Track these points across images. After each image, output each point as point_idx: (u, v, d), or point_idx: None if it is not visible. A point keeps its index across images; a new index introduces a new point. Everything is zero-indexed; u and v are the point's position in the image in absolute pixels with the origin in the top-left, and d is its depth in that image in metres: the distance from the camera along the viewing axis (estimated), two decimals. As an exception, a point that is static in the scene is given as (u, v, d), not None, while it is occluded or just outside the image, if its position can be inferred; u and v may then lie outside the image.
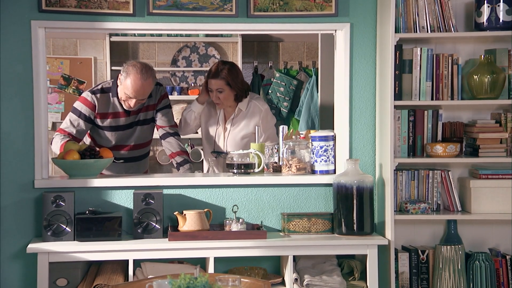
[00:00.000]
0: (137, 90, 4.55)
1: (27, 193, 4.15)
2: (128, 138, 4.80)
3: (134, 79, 4.53)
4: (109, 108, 4.68)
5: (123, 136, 4.78)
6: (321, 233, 4.22)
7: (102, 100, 4.67)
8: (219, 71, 4.77)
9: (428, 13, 4.18)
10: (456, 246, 4.18)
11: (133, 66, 4.56)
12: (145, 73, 4.54)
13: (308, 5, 4.24)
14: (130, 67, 4.56)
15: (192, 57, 7.50)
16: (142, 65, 4.59)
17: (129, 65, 4.58)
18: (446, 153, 4.16)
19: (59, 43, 7.38)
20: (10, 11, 4.09)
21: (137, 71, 4.53)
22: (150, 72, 4.59)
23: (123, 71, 4.58)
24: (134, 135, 4.81)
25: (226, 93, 4.80)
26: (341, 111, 4.35)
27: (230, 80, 4.77)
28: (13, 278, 4.14)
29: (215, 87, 4.79)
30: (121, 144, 4.79)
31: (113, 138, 4.76)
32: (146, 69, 4.57)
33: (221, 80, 4.77)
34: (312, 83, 7.12)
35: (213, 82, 4.79)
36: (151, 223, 4.07)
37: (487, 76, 4.15)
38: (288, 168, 4.34)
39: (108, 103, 4.68)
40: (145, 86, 4.56)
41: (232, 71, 4.79)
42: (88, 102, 4.65)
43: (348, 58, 4.30)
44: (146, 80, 4.54)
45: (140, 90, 4.56)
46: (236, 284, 2.76)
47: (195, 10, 4.20)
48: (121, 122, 4.73)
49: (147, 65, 4.65)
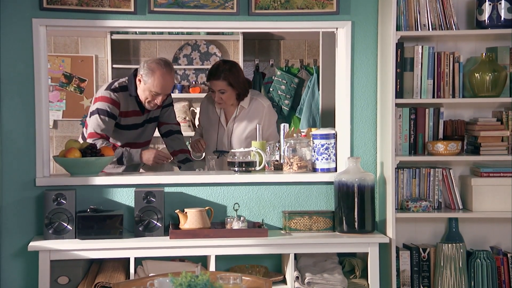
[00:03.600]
0: (165, 85, 4.57)
1: (28, 191, 4.15)
2: (138, 136, 4.79)
3: (162, 74, 4.54)
4: (129, 106, 4.66)
5: (135, 134, 4.77)
6: (322, 231, 4.22)
7: (123, 98, 4.64)
8: (220, 72, 4.75)
9: (430, 11, 4.18)
10: (458, 244, 4.18)
11: (156, 63, 4.58)
12: (169, 67, 4.60)
13: (309, 3, 4.24)
14: (153, 64, 4.56)
15: (193, 55, 7.50)
16: (163, 60, 4.63)
17: (151, 62, 4.58)
18: (448, 151, 4.16)
19: (60, 41, 7.37)
20: (11, 9, 4.09)
21: (162, 66, 4.55)
22: (171, 65, 4.66)
23: (145, 69, 4.55)
24: (143, 134, 4.81)
25: (229, 93, 4.78)
26: (342, 109, 4.35)
27: (232, 80, 4.75)
28: (14, 276, 4.14)
29: (217, 88, 4.77)
30: (132, 142, 4.76)
31: (125, 137, 4.73)
32: (168, 63, 4.64)
33: (222, 81, 4.75)
34: (313, 81, 7.12)
35: (215, 83, 4.77)
36: (152, 221, 4.07)
37: (489, 74, 4.14)
38: (289, 166, 4.34)
39: (128, 101, 4.65)
40: (171, 80, 4.62)
41: (233, 71, 4.78)
42: (113, 100, 4.60)
43: (349, 56, 4.30)
44: (170, 73, 4.60)
45: (168, 85, 4.60)
46: (237, 282, 2.77)
47: (196, 8, 4.20)
48: (138, 121, 4.73)
49: (167, 59, 4.70)
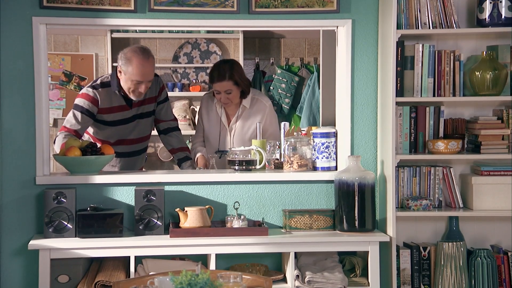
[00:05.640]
0: (144, 72, 4.53)
1: (28, 189, 4.15)
2: (129, 132, 4.77)
3: (139, 61, 4.51)
4: (112, 102, 4.65)
5: (125, 130, 4.74)
6: (323, 230, 4.21)
7: (104, 94, 4.63)
8: (224, 72, 4.73)
9: (430, 9, 4.17)
10: (458, 242, 4.18)
11: (132, 50, 4.55)
12: (146, 53, 4.56)
13: (309, 1, 4.23)
14: (129, 53, 4.54)
15: (194, 53, 7.49)
16: (139, 47, 4.61)
17: (126, 52, 4.56)
18: (448, 149, 4.15)
19: (60, 39, 7.37)
20: (11, 8, 4.09)
21: (138, 53, 4.53)
22: (149, 51, 4.61)
23: (122, 59, 4.54)
24: (135, 129, 4.78)
25: (234, 92, 4.77)
26: (343, 107, 4.35)
27: (237, 78, 4.74)
28: (14, 274, 4.14)
29: (223, 89, 4.75)
30: (122, 138, 4.75)
31: (115, 133, 4.72)
32: (145, 49, 4.60)
33: (228, 81, 4.73)
34: (313, 80, 7.11)
35: (220, 85, 4.74)
36: (152, 219, 4.07)
37: (489, 73, 4.14)
38: (289, 165, 4.33)
39: (110, 97, 4.64)
40: (150, 65, 4.56)
41: (236, 69, 4.76)
42: (90, 97, 4.61)
43: (349, 55, 4.30)
44: (148, 59, 4.55)
45: (147, 71, 4.54)
46: (238, 281, 2.76)
47: (197, 6, 4.20)
48: (125, 116, 4.70)
49: (143, 46, 4.68)
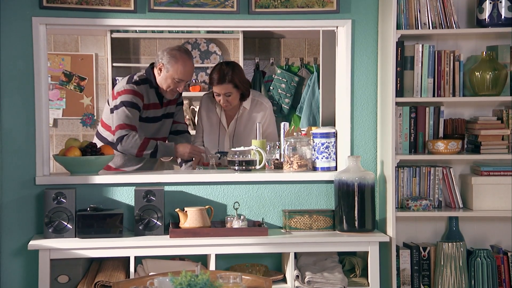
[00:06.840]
0: (187, 71, 4.60)
1: (28, 190, 4.15)
2: (156, 131, 4.76)
3: (185, 61, 4.58)
4: (150, 98, 4.66)
5: (153, 128, 4.73)
6: (323, 230, 4.21)
7: (144, 90, 4.63)
8: (225, 75, 4.73)
9: (430, 10, 4.17)
10: (458, 243, 4.18)
11: (177, 50, 4.62)
12: (190, 54, 4.68)
13: (309, 1, 4.23)
14: (174, 51, 4.59)
15: (194, 53, 7.48)
16: (183, 47, 4.71)
17: (171, 50, 4.60)
18: (448, 150, 4.15)
19: (60, 39, 7.37)
20: (11, 8, 4.09)
21: (183, 53, 4.60)
22: (190, 52, 4.72)
23: (166, 57, 4.56)
24: (161, 128, 4.78)
25: (234, 95, 4.78)
26: (343, 107, 4.35)
27: (237, 81, 4.74)
28: (14, 275, 4.14)
29: (223, 92, 4.75)
30: (154, 137, 4.71)
31: (145, 130, 4.68)
32: (187, 50, 4.72)
33: (228, 84, 4.74)
34: (313, 80, 7.11)
35: (220, 87, 4.75)
36: (152, 220, 4.07)
37: (489, 73, 4.14)
38: (289, 165, 4.33)
39: (149, 93, 4.65)
40: (192, 66, 4.67)
41: (236, 72, 4.76)
42: (138, 92, 4.59)
43: (349, 55, 4.30)
44: (191, 60, 4.66)
45: (190, 71, 4.64)
46: (237, 281, 2.76)
47: (197, 6, 4.20)
48: (156, 114, 4.71)
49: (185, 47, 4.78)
